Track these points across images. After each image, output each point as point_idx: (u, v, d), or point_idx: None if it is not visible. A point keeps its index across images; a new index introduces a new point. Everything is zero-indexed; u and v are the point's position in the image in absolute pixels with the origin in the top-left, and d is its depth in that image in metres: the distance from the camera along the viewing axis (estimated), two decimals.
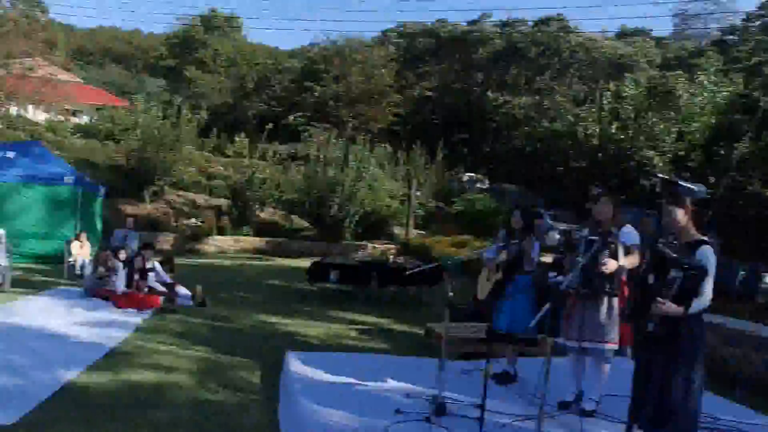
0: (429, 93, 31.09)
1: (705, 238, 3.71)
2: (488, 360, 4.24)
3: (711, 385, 4.96)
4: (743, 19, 34.09)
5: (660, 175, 2.51)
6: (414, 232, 17.96)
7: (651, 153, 16.70)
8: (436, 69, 32.67)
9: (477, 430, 4.00)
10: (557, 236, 7.53)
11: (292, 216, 18.78)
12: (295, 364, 5.57)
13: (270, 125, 22.16)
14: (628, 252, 4.50)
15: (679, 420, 3.61)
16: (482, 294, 5.82)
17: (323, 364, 5.58)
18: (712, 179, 13.76)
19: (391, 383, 5.23)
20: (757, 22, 32.65)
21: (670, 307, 3.56)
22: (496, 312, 5.37)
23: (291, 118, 27.29)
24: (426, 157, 22.22)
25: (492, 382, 4.85)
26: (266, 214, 18.49)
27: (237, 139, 22.85)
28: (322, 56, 31.56)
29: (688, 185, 2.51)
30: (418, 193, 19.25)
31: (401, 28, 37.02)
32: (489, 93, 30.03)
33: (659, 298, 3.57)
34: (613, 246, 4.45)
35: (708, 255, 3.63)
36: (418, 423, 4.29)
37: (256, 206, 17.91)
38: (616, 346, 4.65)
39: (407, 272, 8.20)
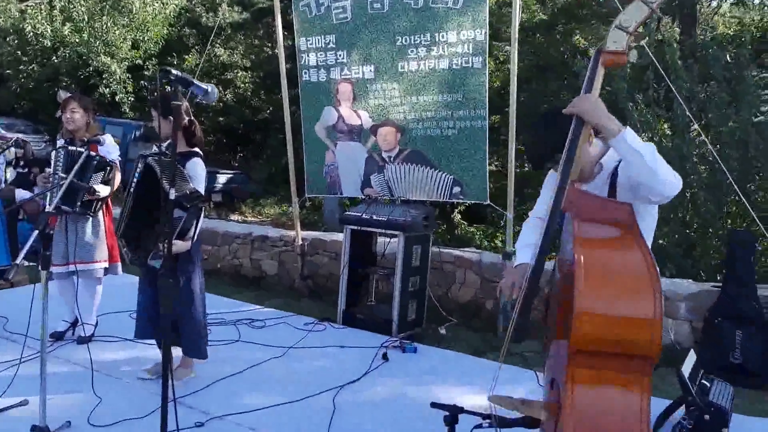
0: None
1: (197, 150, 3.75)
2: None
3: None
4: None
5: (175, 72, 2.32)
6: None
7: (108, 60, 16.02)
8: None
9: None
10: (14, 149, 6.61)
11: None
12: None
13: None
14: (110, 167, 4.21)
15: (186, 326, 3.71)
16: None
17: None
18: None
19: None
20: None
21: (180, 246, 3.52)
22: None
23: None
24: None
25: None
26: None
27: None
28: None
29: (204, 85, 2.41)
30: None
31: None
32: None
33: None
34: (98, 160, 4.10)
35: (197, 167, 3.67)
36: None
37: None
38: (106, 264, 4.42)
39: None
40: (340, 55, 5.79)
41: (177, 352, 3.89)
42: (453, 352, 4.81)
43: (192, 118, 3.73)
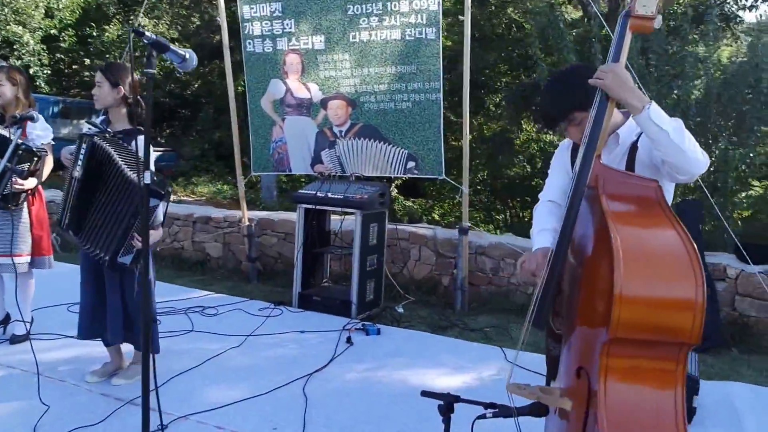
0: None
1: (141, 128, 3.37)
2: None
3: None
4: None
5: (149, 35, 1.97)
6: None
7: (20, 29, 14.80)
8: None
9: None
10: None
11: None
12: None
13: None
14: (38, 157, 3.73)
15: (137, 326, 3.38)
16: None
17: None
18: None
19: None
20: None
21: (154, 236, 3.17)
22: None
23: None
24: None
25: None
26: None
27: None
28: None
29: (182, 51, 2.07)
30: None
31: None
32: None
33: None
34: (24, 148, 3.62)
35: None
36: None
37: None
38: (29, 258, 3.97)
39: None
40: (287, 25, 5.43)
41: (126, 348, 3.57)
42: (415, 332, 4.65)
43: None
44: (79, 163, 3.11)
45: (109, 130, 3.26)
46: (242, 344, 4.17)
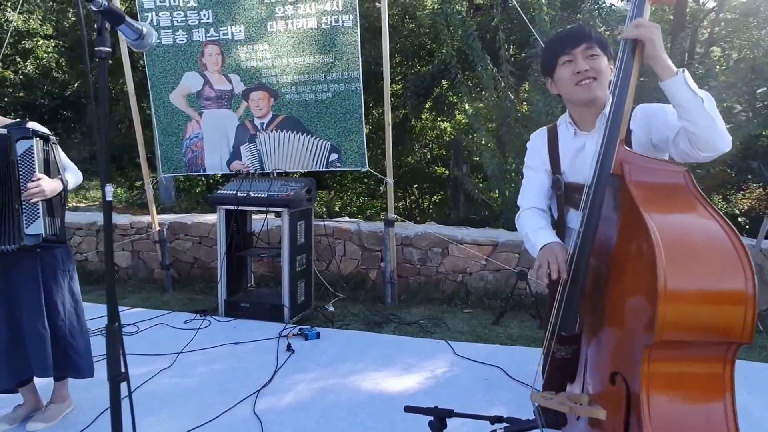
0: None
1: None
2: None
3: None
4: None
5: (103, 1, 1.50)
6: None
7: None
8: None
9: None
10: None
11: None
12: None
13: None
14: None
15: (78, 339, 2.86)
16: None
17: None
18: None
19: None
20: None
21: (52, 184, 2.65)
22: None
23: None
24: None
25: None
26: None
27: None
28: None
29: (138, 24, 1.60)
30: None
31: None
32: None
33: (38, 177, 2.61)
34: None
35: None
36: None
37: None
38: None
39: None
40: (204, 15, 4.91)
41: (38, 383, 3.00)
42: (356, 332, 4.35)
43: None
44: None
45: None
46: (173, 364, 3.68)
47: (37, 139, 2.65)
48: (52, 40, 14.41)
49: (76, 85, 15.83)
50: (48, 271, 2.78)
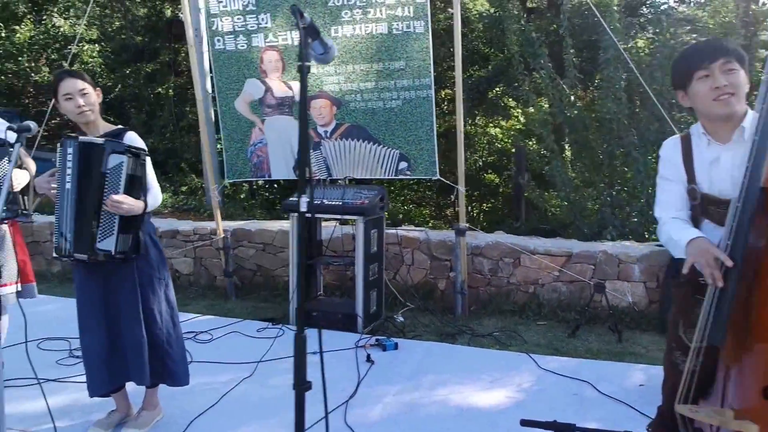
0: None
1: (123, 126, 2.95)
2: None
3: None
4: None
5: (307, 17, 1.56)
6: None
7: None
8: None
9: None
10: None
11: None
12: None
13: None
14: None
15: (174, 347, 2.93)
16: None
17: None
18: None
19: None
20: None
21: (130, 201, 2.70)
22: None
23: None
24: None
25: None
26: None
27: None
28: None
29: (327, 40, 1.65)
30: None
31: None
32: None
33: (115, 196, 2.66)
34: None
35: (137, 140, 2.85)
36: None
37: None
38: (14, 288, 3.39)
39: None
40: (262, 20, 4.99)
41: (130, 389, 3.08)
42: (433, 343, 4.36)
43: None
44: (69, 171, 2.64)
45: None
46: (254, 373, 3.74)
47: (129, 156, 2.71)
48: (96, 45, 14.81)
49: (117, 89, 16.21)
50: (144, 278, 2.86)
